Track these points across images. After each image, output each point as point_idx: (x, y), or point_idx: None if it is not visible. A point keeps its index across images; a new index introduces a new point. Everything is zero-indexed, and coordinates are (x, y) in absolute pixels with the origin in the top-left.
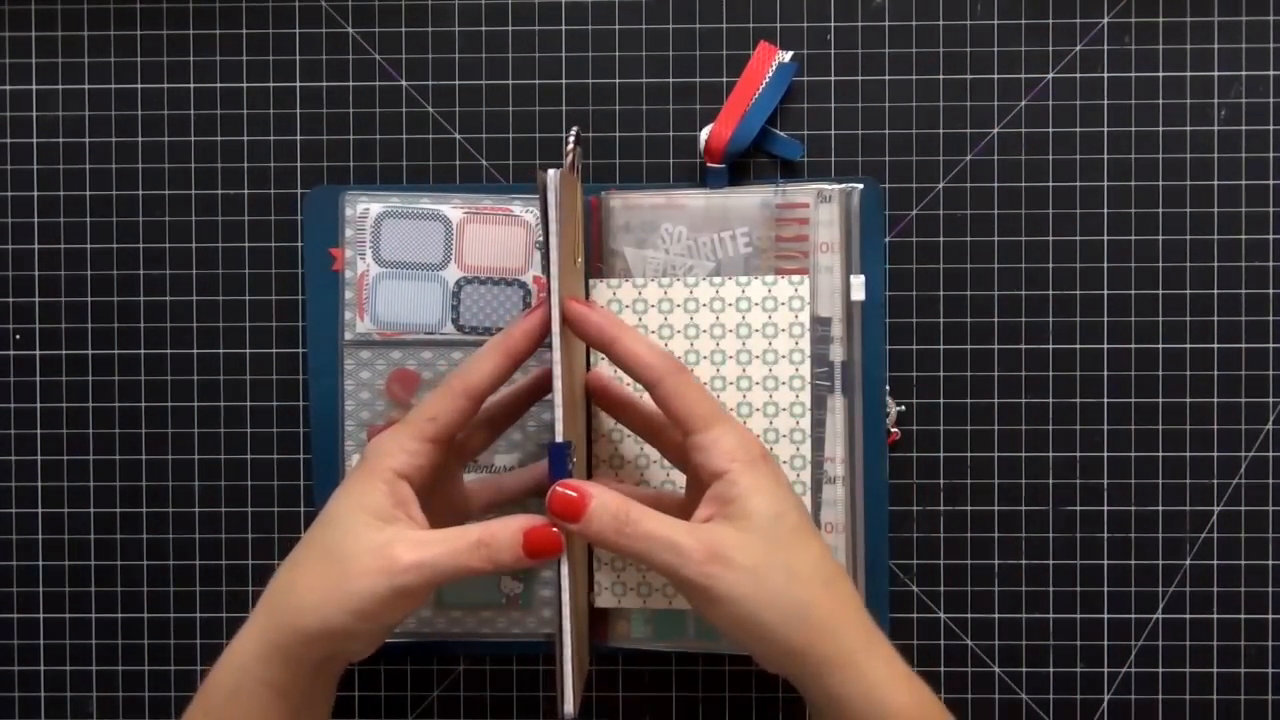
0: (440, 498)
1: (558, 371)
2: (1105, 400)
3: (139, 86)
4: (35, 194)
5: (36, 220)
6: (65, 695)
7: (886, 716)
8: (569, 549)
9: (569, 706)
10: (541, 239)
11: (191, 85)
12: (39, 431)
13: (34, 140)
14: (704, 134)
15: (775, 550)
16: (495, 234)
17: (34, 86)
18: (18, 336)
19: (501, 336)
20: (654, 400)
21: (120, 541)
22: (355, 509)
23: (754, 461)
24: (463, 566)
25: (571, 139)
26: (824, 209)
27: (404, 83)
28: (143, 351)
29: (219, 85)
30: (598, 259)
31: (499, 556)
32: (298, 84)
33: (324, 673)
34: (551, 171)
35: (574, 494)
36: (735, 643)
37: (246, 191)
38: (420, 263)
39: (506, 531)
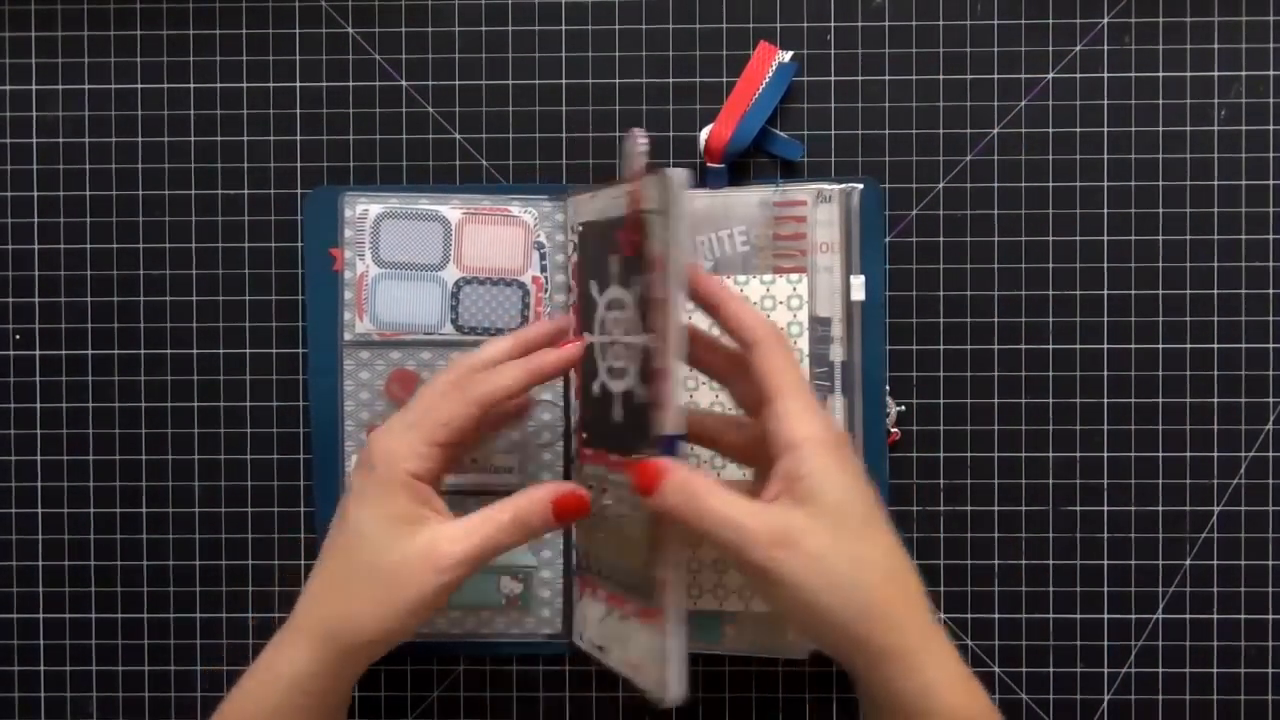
0: None
1: (679, 375)
2: (1105, 400)
3: (139, 86)
4: (35, 194)
5: (36, 220)
6: (65, 695)
7: (938, 714)
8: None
9: (677, 688)
10: (651, 241)
11: (191, 85)
12: (39, 431)
13: (34, 140)
14: (704, 134)
15: (843, 538)
16: (494, 234)
17: (34, 86)
18: (18, 336)
19: (534, 358)
20: (749, 362)
21: (120, 541)
22: (382, 520)
23: (828, 443)
24: (502, 546)
25: (644, 140)
26: (823, 209)
27: (404, 83)
28: (143, 351)
29: (219, 85)
30: None
31: (532, 524)
32: (298, 84)
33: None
34: (679, 171)
35: (652, 469)
36: (794, 626)
37: (246, 191)
38: (419, 263)
39: (536, 506)
